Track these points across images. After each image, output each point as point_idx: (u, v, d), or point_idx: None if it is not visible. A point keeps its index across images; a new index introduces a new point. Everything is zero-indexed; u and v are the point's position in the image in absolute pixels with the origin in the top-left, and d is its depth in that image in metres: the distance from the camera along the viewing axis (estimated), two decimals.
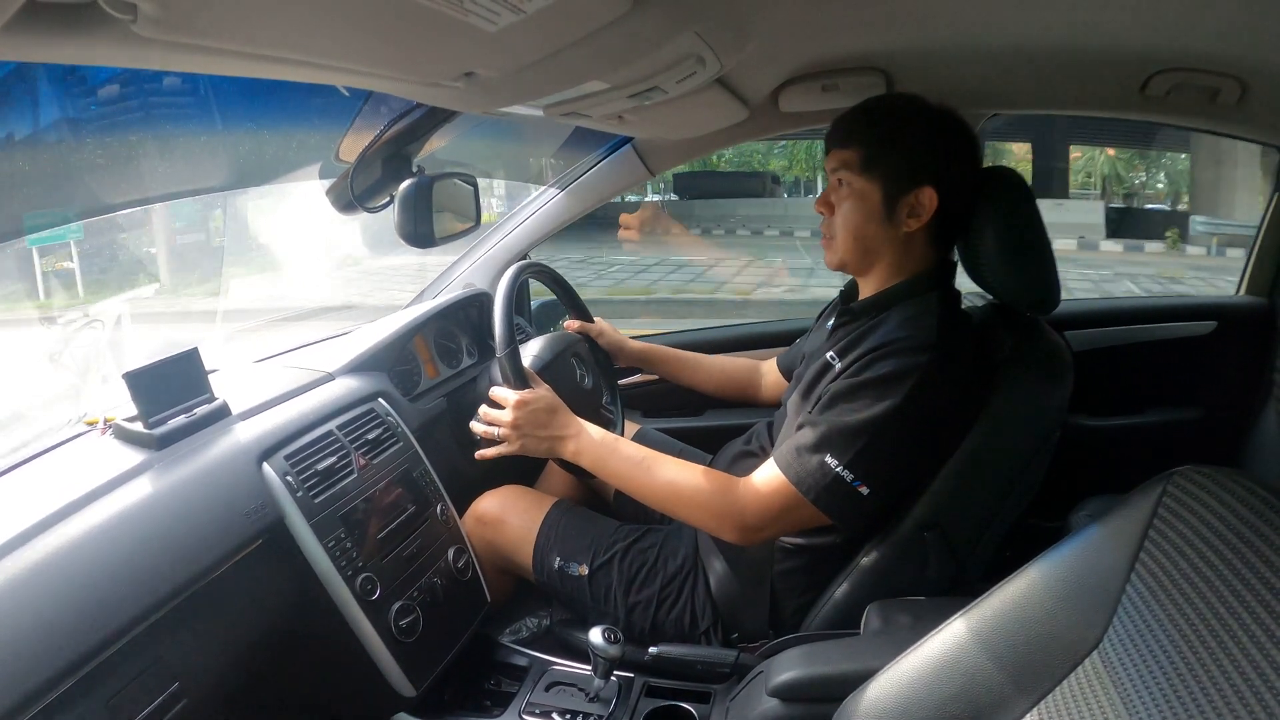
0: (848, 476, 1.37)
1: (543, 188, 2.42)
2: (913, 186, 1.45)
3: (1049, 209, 2.24)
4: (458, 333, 2.27)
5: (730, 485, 1.47)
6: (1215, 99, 1.62)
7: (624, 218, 15.40)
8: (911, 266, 1.52)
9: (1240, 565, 0.76)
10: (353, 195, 1.80)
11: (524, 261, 1.88)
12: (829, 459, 1.38)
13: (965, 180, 1.50)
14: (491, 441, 1.62)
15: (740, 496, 1.46)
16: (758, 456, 1.72)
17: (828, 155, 1.54)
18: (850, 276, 1.64)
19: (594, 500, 2.14)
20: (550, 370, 1.75)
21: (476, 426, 1.64)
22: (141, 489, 1.27)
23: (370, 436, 1.65)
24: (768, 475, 1.45)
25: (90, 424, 1.48)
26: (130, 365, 1.39)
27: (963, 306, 1.59)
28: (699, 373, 2.19)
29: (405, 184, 1.74)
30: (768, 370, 2.16)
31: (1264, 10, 1.26)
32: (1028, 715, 0.90)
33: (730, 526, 1.47)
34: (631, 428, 2.18)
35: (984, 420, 1.43)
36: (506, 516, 1.86)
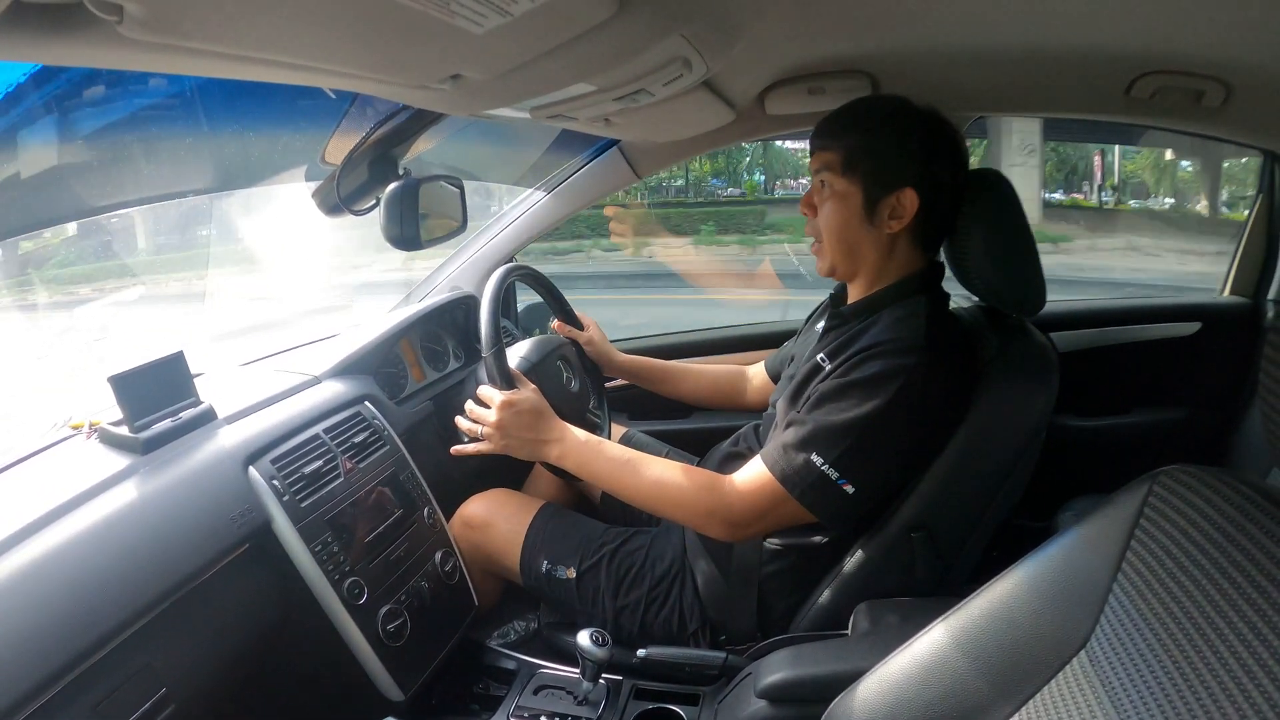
0: (833, 475, 1.37)
1: (529, 190, 2.42)
2: (893, 188, 1.46)
3: None
4: (444, 336, 2.26)
5: (716, 482, 1.48)
6: (1200, 101, 1.63)
7: None
8: (898, 269, 1.53)
9: (1226, 563, 0.76)
10: (339, 198, 1.79)
11: (511, 264, 1.88)
12: (815, 457, 1.38)
13: (946, 182, 1.50)
14: (473, 439, 1.62)
15: (726, 494, 1.46)
16: (745, 458, 1.72)
17: (812, 157, 1.55)
18: (839, 281, 1.65)
19: (581, 503, 2.14)
20: (536, 372, 1.74)
21: (461, 422, 1.63)
22: (127, 494, 1.26)
23: (357, 440, 1.65)
24: (754, 472, 1.45)
25: (75, 428, 1.47)
26: (115, 369, 1.38)
27: (950, 309, 1.60)
28: (685, 383, 2.19)
29: (391, 186, 1.74)
30: (754, 374, 2.16)
31: (1249, 13, 1.27)
32: (1015, 715, 0.90)
33: (717, 523, 1.47)
34: (618, 430, 2.18)
35: (970, 421, 1.44)
36: (494, 520, 1.86)
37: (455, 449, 1.64)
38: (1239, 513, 0.79)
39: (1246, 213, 2.45)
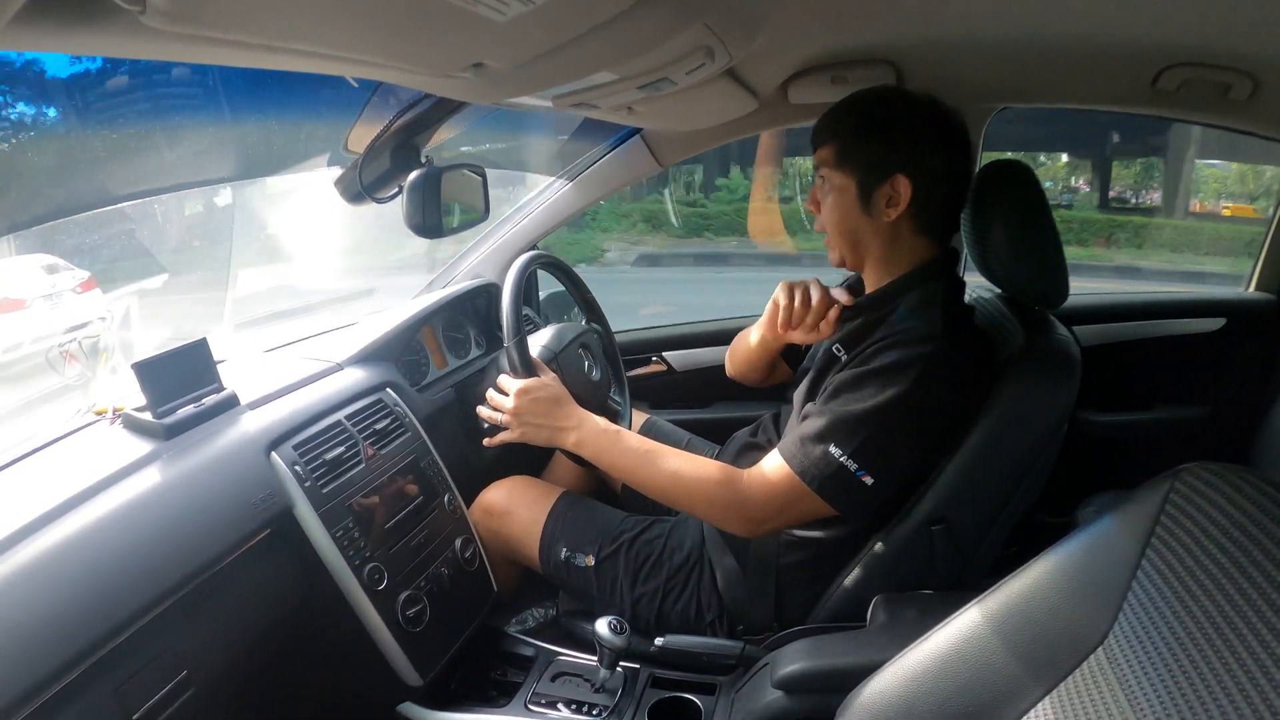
0: (851, 466, 1.37)
1: (551, 179, 2.42)
2: (886, 176, 1.46)
3: None
4: (466, 323, 2.28)
5: (734, 477, 1.47)
6: (1227, 94, 1.61)
7: None
8: (910, 258, 1.53)
9: (1247, 562, 0.76)
10: (361, 186, 1.80)
11: (534, 252, 1.88)
12: (833, 448, 1.38)
13: (941, 168, 1.48)
14: (498, 429, 1.63)
15: (744, 488, 1.46)
16: (764, 449, 1.72)
17: (814, 154, 1.55)
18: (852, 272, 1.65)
19: (601, 491, 2.14)
20: (557, 360, 1.75)
21: (483, 411, 1.64)
22: (150, 479, 1.28)
23: (378, 427, 1.66)
24: (772, 466, 1.45)
25: (99, 414, 1.48)
26: (139, 355, 1.39)
27: (971, 299, 1.59)
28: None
29: (414, 175, 1.74)
30: None
31: (1276, 6, 1.26)
32: (1032, 710, 0.90)
33: (735, 518, 1.47)
34: (640, 417, 2.18)
35: (991, 415, 1.43)
36: (513, 507, 1.86)
37: (486, 441, 1.65)
38: (1261, 512, 0.78)
39: (1275, 205, 2.43)
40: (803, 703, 1.32)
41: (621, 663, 1.63)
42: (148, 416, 1.40)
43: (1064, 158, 10.06)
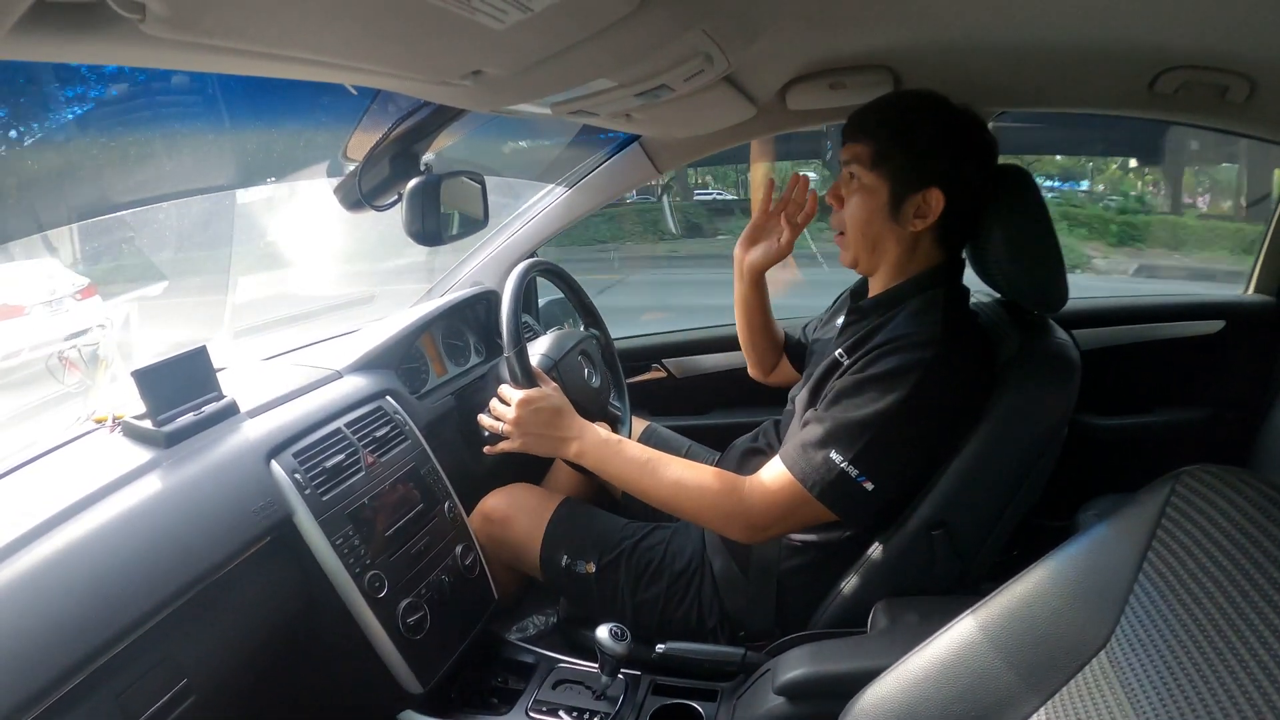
0: (853, 472, 1.36)
1: (550, 185, 2.42)
2: (920, 187, 1.45)
3: None
4: (465, 331, 2.27)
5: (736, 484, 1.47)
6: (1224, 97, 1.61)
7: None
8: (918, 265, 1.52)
9: (1248, 565, 0.76)
10: (361, 193, 1.80)
11: (532, 259, 1.88)
12: (834, 454, 1.37)
13: (974, 183, 1.48)
14: (499, 437, 1.62)
15: (746, 495, 1.45)
16: (765, 454, 1.72)
17: (843, 147, 1.53)
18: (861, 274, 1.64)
19: (601, 498, 2.14)
20: (557, 368, 1.75)
21: (483, 419, 1.64)
22: (150, 486, 1.27)
23: (378, 434, 1.65)
24: (774, 473, 1.45)
25: (99, 421, 1.49)
26: (139, 363, 1.39)
27: (971, 304, 1.59)
28: (770, 330, 2.05)
29: (413, 182, 1.74)
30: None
31: (1273, 8, 1.26)
32: (1035, 715, 0.90)
33: (737, 526, 1.47)
34: (640, 424, 2.18)
35: (990, 419, 1.43)
36: (514, 514, 1.86)
37: (486, 449, 1.64)
38: (1261, 514, 0.78)
39: (1275, 207, 2.43)
40: (804, 709, 1.32)
41: (623, 670, 1.63)
42: (147, 424, 1.40)
43: (1133, 161, 9.92)
